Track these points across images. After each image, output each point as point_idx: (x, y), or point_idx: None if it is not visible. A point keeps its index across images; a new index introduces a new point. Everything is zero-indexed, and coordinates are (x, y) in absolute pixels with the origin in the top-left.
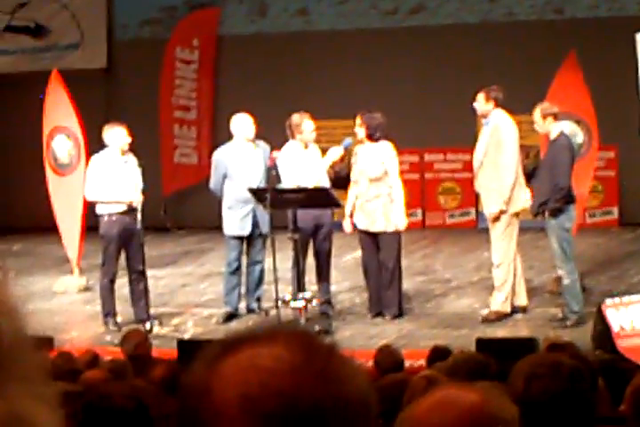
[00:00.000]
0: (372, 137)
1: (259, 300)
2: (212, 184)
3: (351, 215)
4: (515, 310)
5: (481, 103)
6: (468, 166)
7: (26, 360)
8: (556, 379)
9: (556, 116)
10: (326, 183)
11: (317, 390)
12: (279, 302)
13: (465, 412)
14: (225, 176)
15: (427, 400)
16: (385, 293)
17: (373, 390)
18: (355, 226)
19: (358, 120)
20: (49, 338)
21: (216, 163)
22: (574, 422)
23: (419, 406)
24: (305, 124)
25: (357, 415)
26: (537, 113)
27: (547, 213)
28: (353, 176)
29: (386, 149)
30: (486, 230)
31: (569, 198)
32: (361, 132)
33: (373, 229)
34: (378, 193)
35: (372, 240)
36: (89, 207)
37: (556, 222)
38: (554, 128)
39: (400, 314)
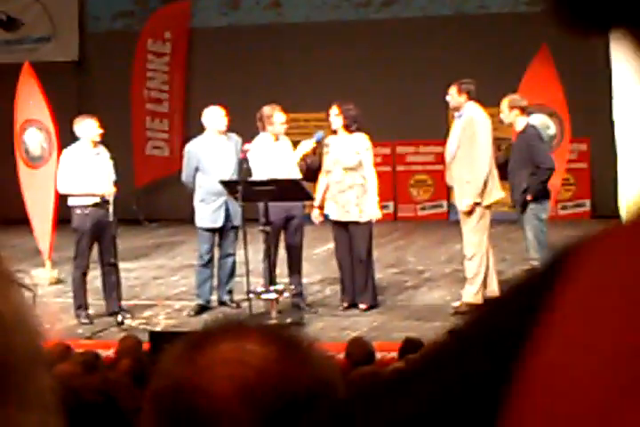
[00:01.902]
0: (348, 127)
1: (230, 292)
2: (184, 177)
3: (320, 207)
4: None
5: (453, 96)
6: (440, 159)
7: (36, 384)
8: None
9: (523, 110)
10: (297, 176)
11: (302, 378)
12: (251, 295)
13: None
14: (197, 169)
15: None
16: (359, 283)
17: (340, 374)
18: (326, 217)
19: (335, 110)
20: None
21: (188, 155)
22: None
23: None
24: (276, 116)
25: (334, 396)
26: (505, 103)
27: (529, 198)
28: (325, 166)
29: (361, 139)
30: (458, 223)
31: (545, 193)
32: (337, 121)
33: (346, 218)
34: (352, 183)
35: (344, 231)
36: (61, 200)
37: (531, 213)
38: (520, 121)
39: (374, 305)
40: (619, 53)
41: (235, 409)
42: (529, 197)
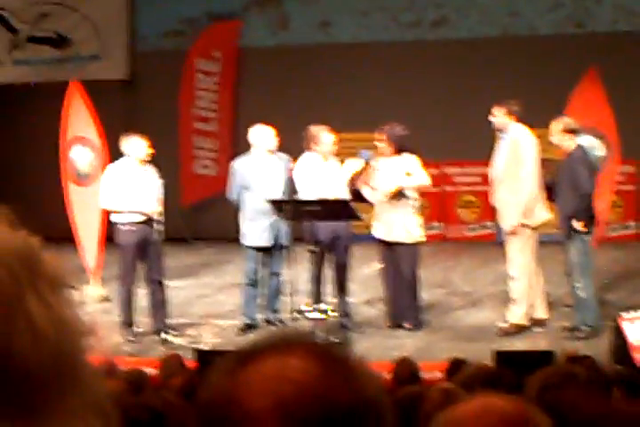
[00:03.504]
0: (395, 150)
1: (277, 311)
2: (229, 193)
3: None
4: (533, 323)
5: (499, 117)
6: (487, 179)
7: (82, 393)
8: (570, 389)
9: (574, 133)
10: (346, 196)
11: (344, 396)
12: (297, 314)
13: (505, 419)
14: (243, 186)
15: (466, 406)
16: (405, 304)
17: (386, 393)
18: (372, 237)
19: (382, 135)
20: None
21: (234, 171)
22: None
23: (458, 412)
24: (322, 137)
25: (380, 417)
26: (558, 126)
27: (580, 226)
28: (374, 185)
29: (411, 161)
30: (504, 244)
31: (592, 219)
32: (384, 145)
33: (391, 239)
34: (397, 204)
35: (390, 251)
36: (109, 217)
37: (577, 236)
38: (570, 143)
39: (420, 325)
40: None
41: (270, 424)
42: (579, 227)
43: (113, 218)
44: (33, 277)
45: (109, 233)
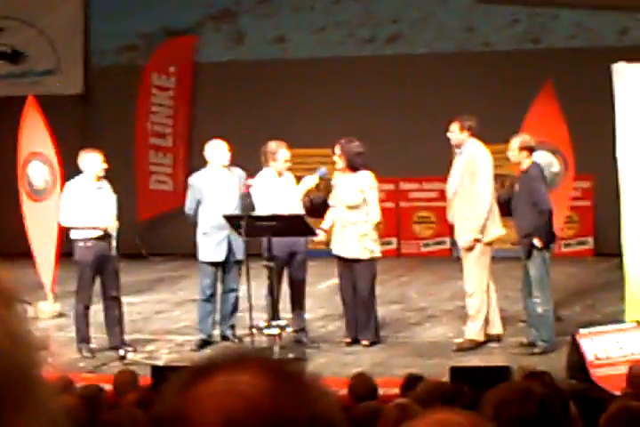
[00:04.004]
0: (351, 167)
1: (233, 327)
2: (187, 208)
3: (327, 232)
4: (489, 338)
5: (455, 133)
6: (444, 195)
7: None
8: (526, 405)
9: (531, 151)
10: (300, 211)
11: (295, 412)
12: (253, 330)
13: None
14: (199, 201)
15: (421, 422)
16: (361, 320)
17: (342, 411)
18: (330, 253)
19: (337, 150)
20: None
21: (191, 187)
22: None
23: None
24: (280, 153)
25: None
26: (515, 142)
27: (539, 244)
28: (331, 202)
29: (366, 178)
30: (460, 259)
31: (552, 237)
32: (340, 162)
33: (348, 255)
34: (354, 220)
35: (347, 267)
36: (64, 233)
37: (537, 252)
38: (526, 161)
39: (377, 341)
40: (622, 90)
41: None
42: (539, 244)
43: (72, 235)
44: None
45: (66, 249)
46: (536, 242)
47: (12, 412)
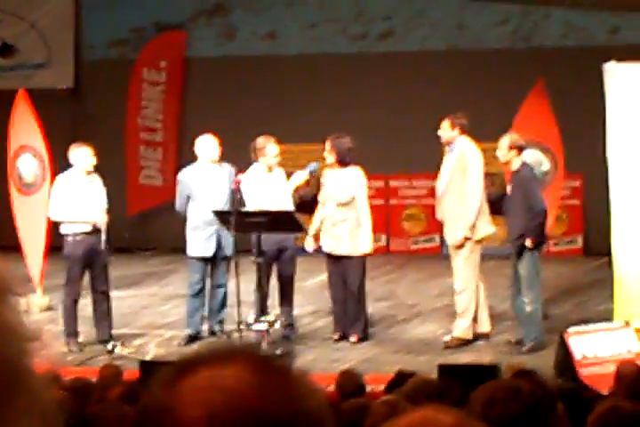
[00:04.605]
0: (341, 162)
1: (221, 322)
2: (177, 205)
3: (315, 237)
4: (477, 336)
5: (446, 130)
6: (433, 192)
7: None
8: (514, 404)
9: (520, 149)
10: (290, 207)
11: (279, 406)
12: (242, 325)
13: None
14: (189, 197)
15: (403, 421)
16: (350, 316)
17: (329, 408)
18: (320, 249)
19: (327, 145)
20: None
21: (180, 183)
22: None
23: (397, 425)
24: (269, 148)
25: None
26: (504, 141)
27: (529, 244)
28: (321, 198)
29: (356, 174)
30: (450, 257)
31: (543, 237)
32: (330, 157)
33: (338, 252)
34: (345, 217)
35: (337, 264)
36: (53, 227)
37: (528, 251)
38: (516, 160)
39: (365, 337)
40: (613, 89)
41: None
42: (529, 244)
43: (62, 229)
44: None
45: (56, 243)
46: (528, 243)
47: (2, 403)
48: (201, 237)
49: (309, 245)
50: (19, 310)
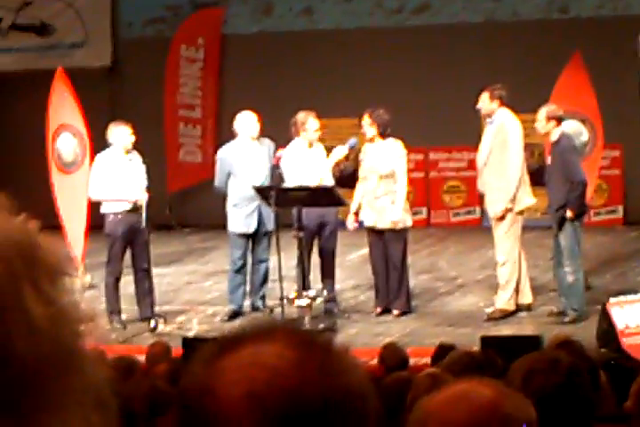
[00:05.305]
0: (382, 135)
1: (263, 298)
2: (217, 182)
3: (356, 213)
4: (519, 308)
5: (485, 102)
6: (473, 165)
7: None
8: (554, 375)
9: (559, 120)
10: (330, 182)
11: (320, 384)
12: (284, 301)
13: (479, 407)
14: (229, 174)
15: (442, 394)
16: (392, 289)
17: (371, 383)
18: (361, 224)
19: (367, 119)
20: None
21: (220, 161)
22: (573, 418)
23: (433, 400)
24: (309, 123)
25: (359, 408)
26: (542, 113)
27: (570, 215)
28: (361, 173)
29: (396, 147)
30: (491, 229)
31: (584, 208)
32: (371, 130)
33: (381, 225)
34: (387, 190)
35: (379, 237)
36: (93, 205)
37: (569, 222)
38: (555, 131)
39: (407, 311)
40: None
41: (241, 412)
42: (570, 215)
43: (103, 209)
44: (30, 269)
45: (97, 221)
46: (568, 214)
47: (58, 384)
48: (242, 214)
49: (351, 224)
50: (72, 292)
